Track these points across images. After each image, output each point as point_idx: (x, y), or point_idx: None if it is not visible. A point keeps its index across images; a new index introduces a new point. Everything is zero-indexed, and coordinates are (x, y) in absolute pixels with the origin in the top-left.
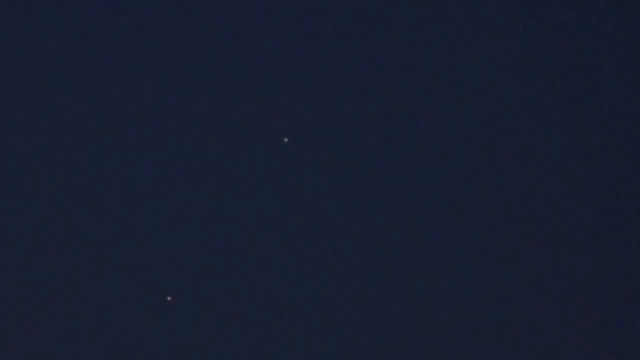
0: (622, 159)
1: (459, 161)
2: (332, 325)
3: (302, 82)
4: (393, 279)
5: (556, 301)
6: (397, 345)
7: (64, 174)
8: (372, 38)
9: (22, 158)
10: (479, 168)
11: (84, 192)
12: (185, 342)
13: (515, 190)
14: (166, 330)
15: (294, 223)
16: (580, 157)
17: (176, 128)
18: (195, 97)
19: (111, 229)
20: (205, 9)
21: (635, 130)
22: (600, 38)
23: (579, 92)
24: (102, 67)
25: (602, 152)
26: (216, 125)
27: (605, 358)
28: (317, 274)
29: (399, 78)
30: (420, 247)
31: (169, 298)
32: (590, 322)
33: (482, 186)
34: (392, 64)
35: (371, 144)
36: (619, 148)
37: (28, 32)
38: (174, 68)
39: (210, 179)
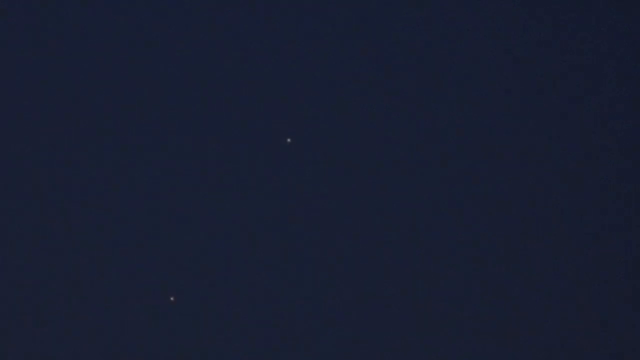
0: (622, 159)
1: (459, 161)
2: (332, 325)
3: (303, 82)
4: (393, 279)
5: (556, 301)
6: (397, 345)
7: (64, 174)
8: (372, 38)
9: (22, 158)
10: (479, 168)
11: (84, 192)
12: (185, 342)
13: (515, 190)
14: (167, 331)
15: (295, 223)
16: (580, 157)
17: (177, 129)
18: (196, 98)
19: (112, 229)
20: (206, 9)
21: (635, 130)
22: (600, 38)
23: (579, 92)
24: (102, 68)
25: (602, 152)
26: (218, 125)
27: (605, 358)
28: (317, 274)
29: (399, 78)
30: (420, 247)
31: (172, 298)
32: (590, 322)
33: (482, 186)
34: (392, 64)
35: (372, 144)
36: (619, 148)
37: (28, 32)
38: (175, 69)
39: (212, 180)
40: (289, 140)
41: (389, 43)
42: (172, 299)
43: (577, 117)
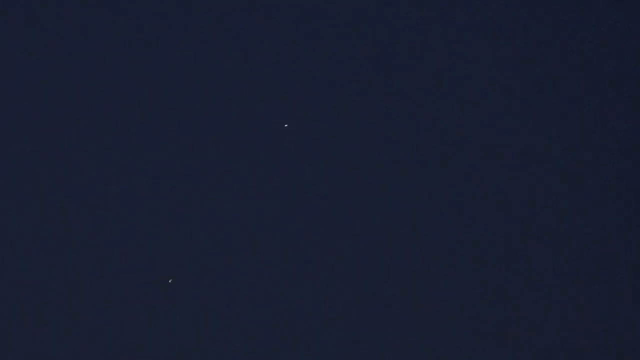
0: (622, 159)
1: (459, 161)
2: (332, 325)
3: (303, 82)
4: (393, 279)
5: (556, 301)
6: (397, 345)
7: (64, 172)
8: (372, 38)
9: (22, 158)
10: (479, 168)
11: (83, 190)
12: (185, 341)
13: (515, 191)
14: (166, 330)
15: (295, 222)
16: (580, 157)
17: (177, 127)
18: (195, 97)
19: (111, 229)
20: (206, 9)
21: (635, 130)
22: (599, 38)
23: (579, 92)
24: (102, 68)
25: (602, 152)
26: (217, 124)
27: (605, 358)
28: (316, 273)
29: (399, 78)
30: (420, 247)
31: (170, 280)
32: (590, 322)
33: (482, 186)
34: (392, 64)
35: (371, 144)
36: (618, 148)
37: (28, 32)
38: (174, 67)
39: (210, 178)
40: (286, 125)
41: (389, 43)
42: (170, 280)
43: (577, 117)
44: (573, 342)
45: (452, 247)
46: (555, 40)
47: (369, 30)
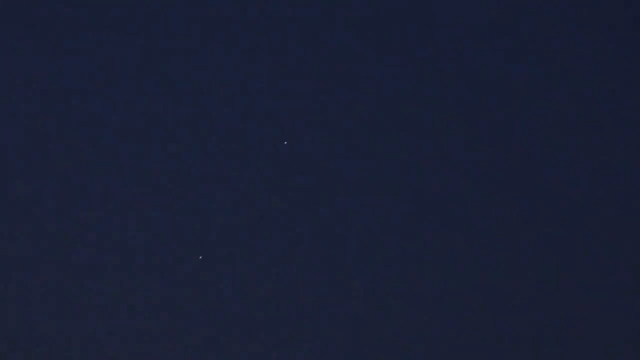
0: (622, 159)
1: (459, 162)
2: (332, 326)
3: (303, 83)
4: (393, 279)
5: (556, 301)
6: (397, 345)
7: (65, 167)
8: (372, 38)
9: (22, 159)
10: (479, 167)
11: (84, 190)
12: (184, 341)
13: (516, 190)
14: (165, 330)
15: (294, 225)
16: (580, 156)
17: (176, 133)
18: (196, 99)
19: (110, 227)
20: (207, 10)
21: (635, 130)
22: (600, 36)
23: (578, 92)
24: (101, 68)
25: (602, 152)
26: (216, 121)
27: (605, 358)
28: (316, 275)
29: (399, 78)
30: (420, 247)
31: (200, 257)
32: (590, 321)
33: (482, 186)
34: (391, 64)
35: (371, 144)
36: (618, 148)
37: (28, 32)
38: (174, 71)
39: (211, 182)
40: (285, 142)
41: (389, 43)
42: (200, 257)
43: (577, 117)
44: (573, 342)
45: (452, 247)
46: (556, 39)
47: (368, 30)
